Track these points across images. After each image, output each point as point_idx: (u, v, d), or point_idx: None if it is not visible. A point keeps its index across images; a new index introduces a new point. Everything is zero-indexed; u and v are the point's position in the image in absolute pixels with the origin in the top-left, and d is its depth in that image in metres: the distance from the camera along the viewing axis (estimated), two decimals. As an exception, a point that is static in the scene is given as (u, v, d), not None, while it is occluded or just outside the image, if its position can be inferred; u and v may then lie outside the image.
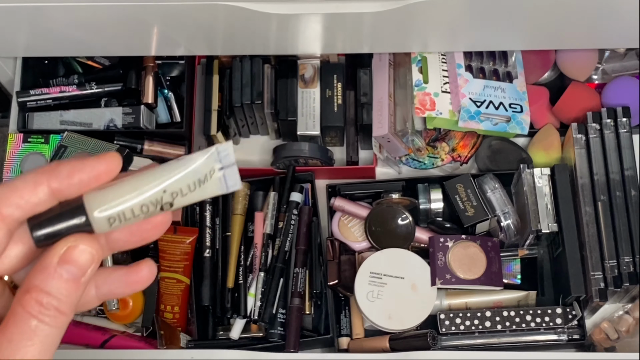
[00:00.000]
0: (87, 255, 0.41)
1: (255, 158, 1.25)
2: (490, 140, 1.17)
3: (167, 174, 0.41)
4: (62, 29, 0.99)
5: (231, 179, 0.41)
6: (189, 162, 0.41)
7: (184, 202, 0.41)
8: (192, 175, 0.41)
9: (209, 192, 0.41)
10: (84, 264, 0.41)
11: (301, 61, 1.18)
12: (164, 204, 0.41)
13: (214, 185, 0.41)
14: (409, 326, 1.05)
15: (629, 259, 1.04)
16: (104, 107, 1.17)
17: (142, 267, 0.44)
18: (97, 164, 0.42)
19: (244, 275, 1.10)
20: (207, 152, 0.41)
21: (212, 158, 0.41)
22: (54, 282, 0.40)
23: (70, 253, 0.41)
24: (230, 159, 0.41)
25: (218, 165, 0.41)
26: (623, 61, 1.18)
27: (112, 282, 0.44)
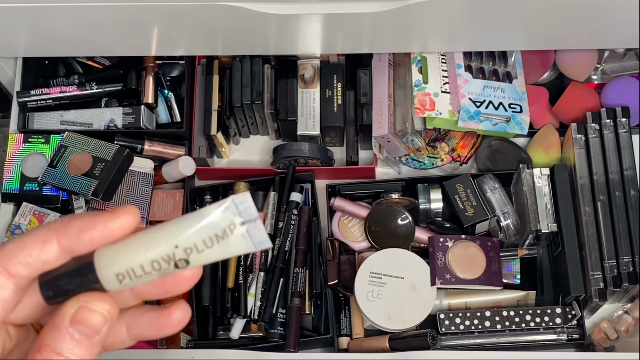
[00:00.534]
0: (99, 316, 0.40)
1: (255, 158, 1.25)
2: (489, 140, 1.17)
3: (178, 229, 0.38)
4: (63, 29, 0.99)
5: (257, 236, 0.38)
6: (201, 216, 0.38)
7: (203, 259, 0.39)
8: (206, 230, 0.38)
9: (234, 249, 0.38)
10: (96, 325, 0.40)
11: (301, 61, 1.18)
12: (177, 261, 0.39)
13: (237, 242, 0.38)
14: (408, 326, 1.05)
15: (629, 259, 1.05)
16: (104, 107, 1.17)
17: (174, 311, 0.42)
18: (109, 221, 0.40)
19: (244, 275, 1.10)
20: (222, 205, 0.38)
21: (230, 211, 0.37)
22: (66, 342, 0.39)
23: (81, 313, 0.40)
24: (251, 212, 0.38)
25: (238, 219, 0.37)
26: (622, 61, 1.18)
27: (143, 325, 0.43)
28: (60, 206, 1.12)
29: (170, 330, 0.42)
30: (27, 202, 1.11)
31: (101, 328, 0.40)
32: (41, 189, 1.12)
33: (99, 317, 0.40)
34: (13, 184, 1.12)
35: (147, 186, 1.14)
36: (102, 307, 0.40)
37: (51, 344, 0.39)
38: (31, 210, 1.10)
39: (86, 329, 0.39)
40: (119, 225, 0.40)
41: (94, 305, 0.40)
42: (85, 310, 0.40)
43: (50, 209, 1.11)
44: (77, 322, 0.39)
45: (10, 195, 1.12)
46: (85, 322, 0.39)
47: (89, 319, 0.40)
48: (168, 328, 0.42)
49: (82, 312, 0.40)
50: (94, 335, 0.40)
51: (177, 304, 0.42)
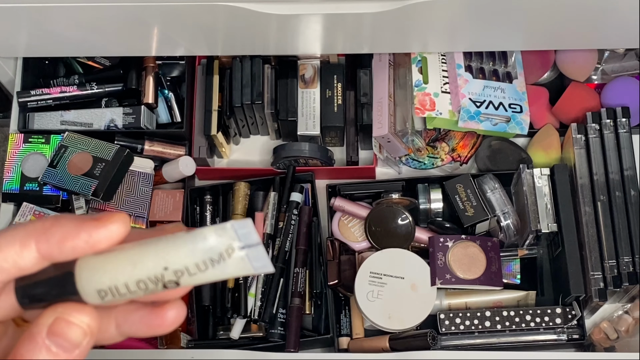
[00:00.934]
0: (77, 330, 0.37)
1: (255, 158, 1.25)
2: (490, 140, 1.17)
3: (169, 250, 0.35)
4: (63, 29, 0.99)
5: (258, 260, 0.35)
6: (196, 239, 0.35)
7: (194, 281, 0.36)
8: (201, 254, 0.35)
9: (231, 272, 0.35)
10: (74, 339, 0.37)
11: (301, 61, 1.18)
12: (166, 282, 0.36)
13: (236, 266, 0.35)
14: (408, 326, 1.05)
15: (629, 259, 1.05)
16: (105, 107, 1.17)
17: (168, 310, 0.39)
18: (94, 231, 0.36)
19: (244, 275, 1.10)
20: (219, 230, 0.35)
21: (227, 236, 0.35)
22: (42, 355, 0.36)
23: (58, 325, 0.36)
24: (252, 238, 0.35)
25: (237, 243, 0.35)
26: (622, 61, 1.18)
27: (134, 323, 0.39)
28: (60, 206, 1.12)
29: (163, 330, 0.39)
30: (28, 202, 1.11)
31: (80, 342, 0.37)
32: (41, 189, 1.12)
33: (77, 331, 0.37)
34: (13, 184, 1.12)
35: (147, 186, 1.14)
36: (81, 320, 0.37)
37: (25, 355, 0.36)
38: (31, 210, 1.10)
39: (64, 342, 0.36)
40: (104, 236, 0.37)
41: (73, 317, 0.37)
42: (63, 323, 0.36)
43: (50, 209, 1.11)
44: (54, 334, 0.36)
45: (10, 195, 1.12)
46: (62, 335, 0.36)
47: (67, 332, 0.36)
48: (161, 328, 0.39)
49: (60, 324, 0.36)
50: (73, 350, 0.37)
51: (172, 303, 0.39)
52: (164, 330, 0.39)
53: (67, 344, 0.36)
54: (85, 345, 0.37)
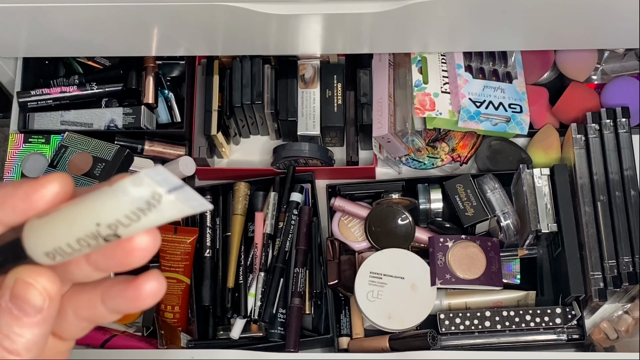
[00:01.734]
0: (35, 292, 0.36)
1: (255, 158, 1.25)
2: (490, 140, 1.17)
3: (96, 206, 0.34)
4: (63, 29, 0.99)
5: (191, 200, 0.34)
6: (117, 194, 0.34)
7: (135, 229, 0.35)
8: (126, 206, 0.34)
9: (170, 215, 0.35)
10: (34, 301, 0.36)
11: (301, 61, 1.18)
12: (105, 237, 0.35)
13: (172, 209, 0.34)
14: (408, 326, 1.05)
15: (629, 259, 1.05)
16: (105, 107, 1.17)
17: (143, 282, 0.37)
18: (30, 190, 0.36)
19: (244, 275, 1.11)
20: (136, 180, 0.34)
21: (146, 184, 0.34)
22: (4, 318, 0.36)
23: (17, 287, 0.36)
24: (172, 181, 0.34)
25: (160, 189, 0.34)
26: (622, 61, 1.18)
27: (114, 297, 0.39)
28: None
29: (142, 304, 0.38)
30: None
31: (41, 306, 0.36)
32: (41, 189, 1.11)
33: (35, 293, 0.36)
34: (13, 184, 1.12)
35: (147, 186, 1.14)
36: (38, 282, 0.36)
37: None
38: (31, 210, 1.10)
39: (25, 305, 0.36)
40: (41, 195, 0.36)
41: (31, 278, 0.36)
42: (22, 284, 0.36)
43: (50, 209, 1.11)
44: (15, 296, 0.36)
45: (10, 195, 1.12)
46: (22, 297, 0.36)
47: (26, 294, 0.36)
48: (138, 301, 0.38)
49: (19, 286, 0.36)
50: (35, 313, 0.36)
51: (148, 274, 0.37)
52: (143, 303, 0.38)
53: (26, 306, 0.36)
54: (47, 309, 0.36)
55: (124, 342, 1.07)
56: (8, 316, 0.36)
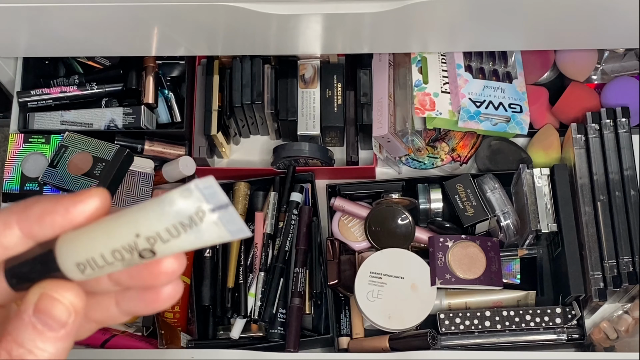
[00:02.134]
0: (61, 307, 0.36)
1: (255, 158, 1.25)
2: (489, 140, 1.17)
3: (138, 216, 0.34)
4: (63, 29, 0.99)
5: (232, 224, 0.34)
6: (162, 203, 0.34)
7: (170, 249, 0.35)
8: (169, 219, 0.34)
9: (207, 238, 0.34)
10: (59, 316, 0.36)
11: (301, 61, 1.18)
12: (141, 251, 0.35)
13: (211, 231, 0.34)
14: (408, 326, 1.05)
15: (628, 259, 1.05)
16: (105, 107, 1.17)
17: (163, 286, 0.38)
18: (72, 206, 0.36)
19: (244, 275, 1.11)
20: (185, 191, 0.33)
21: (194, 197, 0.33)
22: (27, 333, 0.36)
23: (43, 302, 0.36)
24: (219, 198, 0.34)
25: (206, 205, 0.33)
26: (622, 61, 1.18)
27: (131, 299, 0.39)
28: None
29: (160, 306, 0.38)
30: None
31: (66, 320, 0.36)
32: (42, 189, 1.12)
33: (61, 308, 0.36)
34: (13, 184, 1.12)
35: (148, 186, 1.14)
36: (64, 297, 0.36)
37: (13, 333, 0.36)
38: (31, 210, 1.10)
39: (49, 320, 0.36)
40: (81, 211, 0.36)
41: (57, 293, 0.36)
42: (47, 299, 0.36)
43: (50, 209, 1.11)
44: (39, 311, 0.36)
45: (10, 195, 1.12)
46: (47, 312, 0.36)
47: (50, 309, 0.36)
48: (156, 303, 0.38)
49: (44, 301, 0.36)
50: (59, 329, 0.36)
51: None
52: (161, 306, 0.38)
53: (51, 321, 0.36)
54: (71, 324, 0.36)
55: (124, 342, 1.07)
56: (32, 331, 0.36)
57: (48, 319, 0.36)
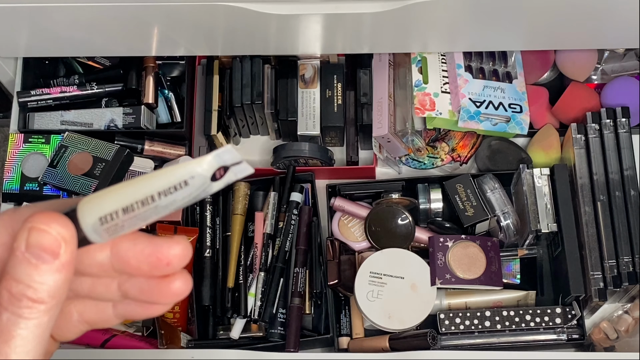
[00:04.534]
0: (50, 237, 0.36)
1: (255, 158, 1.25)
2: (489, 140, 1.17)
3: (154, 176, 0.38)
4: (63, 29, 0.99)
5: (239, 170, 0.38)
6: (175, 166, 0.37)
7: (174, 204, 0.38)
8: (179, 175, 0.37)
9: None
10: (49, 246, 0.36)
11: (301, 61, 1.18)
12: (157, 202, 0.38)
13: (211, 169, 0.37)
14: (408, 326, 1.05)
15: (628, 259, 1.05)
16: (105, 107, 1.17)
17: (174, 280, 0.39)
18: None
19: (244, 275, 1.11)
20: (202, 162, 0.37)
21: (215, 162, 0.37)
22: (23, 268, 0.36)
23: (32, 235, 0.36)
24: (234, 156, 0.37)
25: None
26: (622, 61, 1.18)
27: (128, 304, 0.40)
28: (60, 206, 1.12)
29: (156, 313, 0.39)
30: (28, 202, 1.11)
31: (57, 250, 0.36)
32: (41, 189, 1.12)
33: (50, 238, 0.36)
34: (13, 184, 1.12)
35: (147, 186, 1.14)
36: (52, 227, 0.36)
37: (10, 271, 0.36)
38: (31, 210, 1.10)
39: (41, 252, 0.36)
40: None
41: (45, 225, 0.36)
42: (36, 232, 0.36)
43: (50, 209, 1.11)
44: (31, 245, 0.36)
45: (10, 195, 1.12)
46: (38, 244, 0.36)
47: (40, 241, 0.36)
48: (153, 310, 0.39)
49: (33, 234, 0.36)
50: (52, 260, 0.36)
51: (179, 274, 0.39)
52: (158, 313, 0.39)
53: (43, 253, 0.36)
54: (65, 254, 0.36)
55: (124, 342, 1.07)
56: (27, 266, 0.36)
57: (40, 252, 0.36)
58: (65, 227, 0.37)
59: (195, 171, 0.36)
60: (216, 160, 0.37)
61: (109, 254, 0.39)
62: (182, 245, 0.38)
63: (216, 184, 0.37)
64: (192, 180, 0.37)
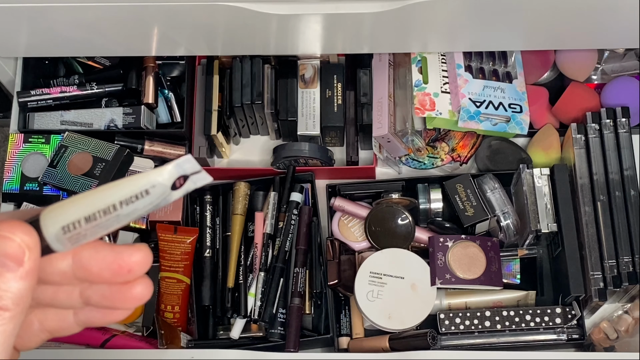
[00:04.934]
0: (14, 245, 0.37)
1: (255, 158, 1.25)
2: (489, 140, 1.17)
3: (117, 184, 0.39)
4: (63, 29, 0.99)
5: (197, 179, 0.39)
6: (136, 176, 0.38)
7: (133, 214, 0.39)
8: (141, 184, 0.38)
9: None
10: (14, 253, 0.37)
11: (301, 61, 1.18)
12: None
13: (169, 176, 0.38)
14: (408, 326, 1.05)
15: (628, 259, 1.05)
16: (105, 107, 1.17)
17: (135, 285, 0.39)
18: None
19: (244, 275, 1.11)
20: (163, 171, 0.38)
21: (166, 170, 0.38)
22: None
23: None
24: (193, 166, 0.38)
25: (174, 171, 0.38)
26: (622, 61, 1.18)
27: (89, 311, 0.41)
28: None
29: (118, 319, 0.40)
30: (28, 202, 1.11)
31: (21, 258, 0.37)
32: (41, 189, 1.12)
33: (14, 246, 0.37)
34: (13, 184, 1.12)
35: (147, 186, 1.14)
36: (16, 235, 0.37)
37: None
38: (31, 210, 1.10)
39: (5, 260, 0.37)
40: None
41: (9, 232, 0.37)
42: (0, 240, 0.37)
43: (50, 209, 1.11)
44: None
45: (10, 195, 1.12)
46: (2, 252, 0.36)
47: (5, 248, 0.36)
48: (115, 317, 0.40)
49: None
50: (16, 268, 0.37)
51: (140, 279, 0.40)
52: (119, 319, 0.40)
53: (7, 260, 0.36)
54: (28, 261, 0.37)
55: (124, 342, 1.07)
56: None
57: (4, 259, 0.37)
58: (29, 235, 0.37)
59: (156, 180, 0.37)
60: (176, 170, 0.38)
61: (70, 262, 0.40)
62: (143, 252, 0.39)
63: (176, 193, 0.38)
64: (153, 189, 0.38)
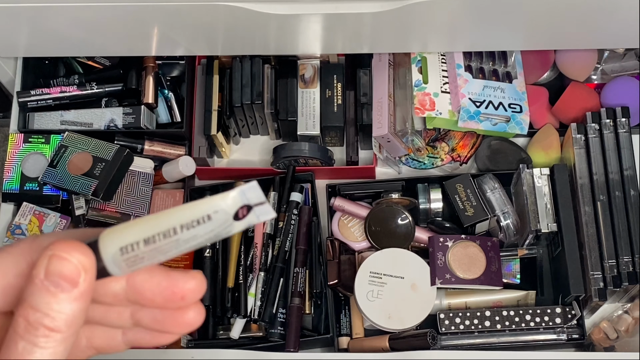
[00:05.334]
0: (71, 266, 0.36)
1: (255, 158, 1.25)
2: (489, 140, 1.17)
3: (178, 210, 0.38)
4: (63, 29, 0.99)
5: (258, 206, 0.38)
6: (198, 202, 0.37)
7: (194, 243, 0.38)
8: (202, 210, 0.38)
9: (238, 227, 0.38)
10: (69, 275, 0.36)
11: (301, 61, 1.18)
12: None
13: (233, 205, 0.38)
14: (408, 326, 1.05)
15: (628, 259, 1.05)
16: (105, 107, 1.17)
17: (189, 310, 0.40)
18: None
19: (244, 275, 1.11)
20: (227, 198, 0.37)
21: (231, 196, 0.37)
22: (41, 296, 0.36)
23: (52, 263, 0.36)
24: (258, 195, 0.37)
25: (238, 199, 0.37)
26: (622, 61, 1.18)
27: (138, 332, 0.40)
28: (60, 206, 1.12)
29: (166, 342, 0.40)
30: (28, 202, 1.11)
31: (77, 279, 0.36)
32: (41, 189, 1.12)
33: (71, 267, 0.36)
34: (13, 183, 1.12)
35: (147, 186, 1.14)
36: (73, 256, 0.36)
37: (28, 299, 0.36)
38: (31, 210, 1.10)
39: (60, 280, 0.36)
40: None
41: (66, 253, 0.36)
42: (56, 260, 0.36)
43: (50, 209, 1.11)
44: (50, 273, 0.36)
45: (10, 195, 1.12)
46: (57, 272, 0.36)
47: (60, 269, 0.36)
48: (164, 340, 0.40)
49: (53, 262, 0.36)
50: (71, 289, 0.36)
51: (194, 305, 0.40)
52: (180, 329, 0.39)
53: (62, 281, 0.36)
54: (84, 283, 0.36)
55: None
56: (45, 294, 0.36)
57: (59, 280, 0.36)
58: (86, 256, 0.37)
59: (219, 206, 0.37)
60: (240, 197, 0.37)
61: (124, 285, 0.40)
62: (197, 279, 0.39)
63: (238, 224, 0.37)
64: (215, 214, 0.37)
